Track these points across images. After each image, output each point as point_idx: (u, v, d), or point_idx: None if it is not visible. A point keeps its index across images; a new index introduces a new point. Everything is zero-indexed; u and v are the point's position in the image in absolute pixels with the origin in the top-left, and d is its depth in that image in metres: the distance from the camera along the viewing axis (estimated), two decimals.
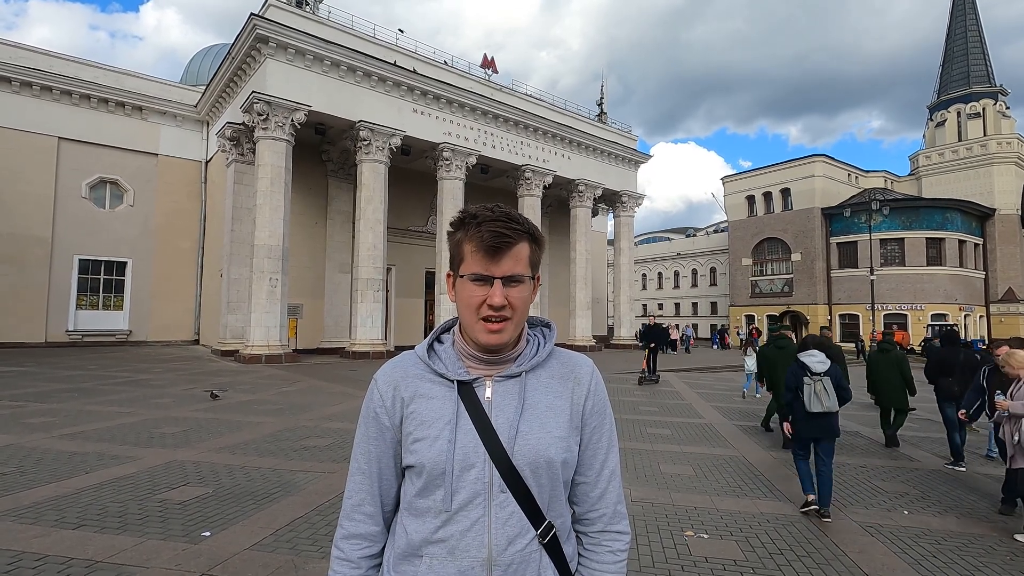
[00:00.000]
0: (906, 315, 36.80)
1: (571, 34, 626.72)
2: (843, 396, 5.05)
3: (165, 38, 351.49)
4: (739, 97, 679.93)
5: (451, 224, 1.13)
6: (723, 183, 48.42)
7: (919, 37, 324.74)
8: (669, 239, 65.61)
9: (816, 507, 4.89)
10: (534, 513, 1.08)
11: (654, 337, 16.04)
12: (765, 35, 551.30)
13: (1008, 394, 4.81)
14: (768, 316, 42.97)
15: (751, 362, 12.93)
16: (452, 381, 1.12)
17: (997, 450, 6.99)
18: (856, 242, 38.48)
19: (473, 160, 24.26)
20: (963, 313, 37.25)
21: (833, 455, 5.10)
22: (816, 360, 5.12)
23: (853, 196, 41.99)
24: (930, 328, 34.59)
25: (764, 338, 31.73)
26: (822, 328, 19.40)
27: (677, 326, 34.14)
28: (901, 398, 7.98)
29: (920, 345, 31.31)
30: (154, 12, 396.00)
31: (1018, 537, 4.57)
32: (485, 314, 1.07)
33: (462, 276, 1.09)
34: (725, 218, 49.96)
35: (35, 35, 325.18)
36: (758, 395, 13.00)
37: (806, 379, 5.06)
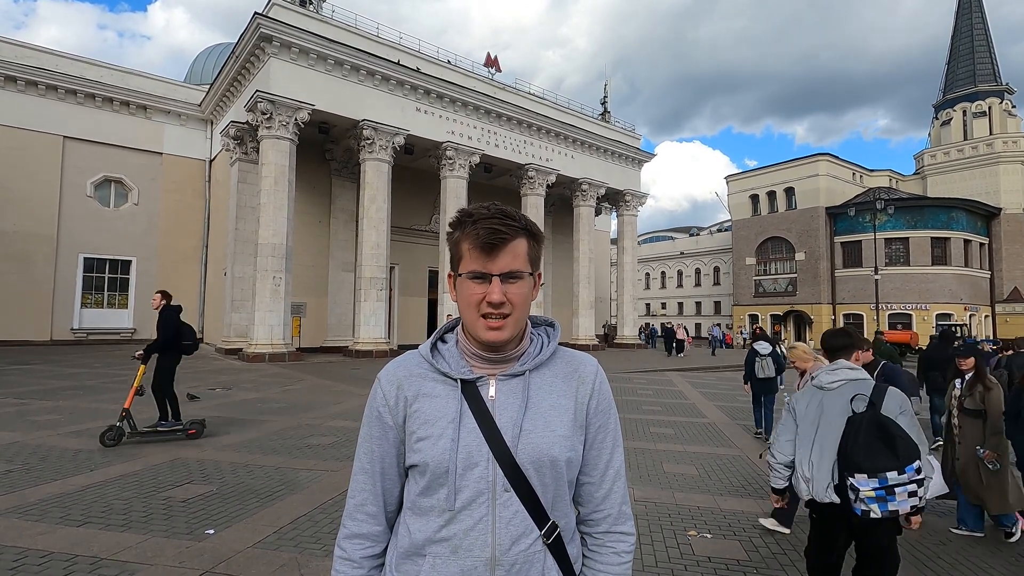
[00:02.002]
0: (911, 315, 36.64)
1: (578, 33, 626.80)
2: (779, 368, 8.52)
3: (173, 38, 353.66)
4: (745, 96, 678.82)
5: (449, 224, 1.14)
6: (727, 182, 48.30)
7: (927, 35, 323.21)
8: (672, 238, 65.46)
9: (761, 435, 7.86)
10: (538, 513, 1.07)
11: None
12: (772, 33, 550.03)
13: (798, 388, 4.82)
14: (772, 315, 42.86)
15: None
16: (455, 380, 1.11)
17: None
18: (860, 241, 38.32)
19: (476, 159, 24.26)
20: (968, 313, 37.06)
21: (774, 403, 8.44)
22: (762, 346, 8.58)
23: (858, 195, 41.82)
24: (938, 327, 34.42)
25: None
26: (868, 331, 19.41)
27: (682, 326, 33.79)
28: None
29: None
30: (162, 12, 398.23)
31: (763, 521, 4.62)
32: (485, 311, 1.07)
33: (461, 275, 1.09)
34: (729, 217, 49.83)
35: (44, 35, 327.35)
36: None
37: (757, 359, 8.53)
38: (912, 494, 2.42)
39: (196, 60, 32.02)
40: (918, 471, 2.42)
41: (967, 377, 4.86)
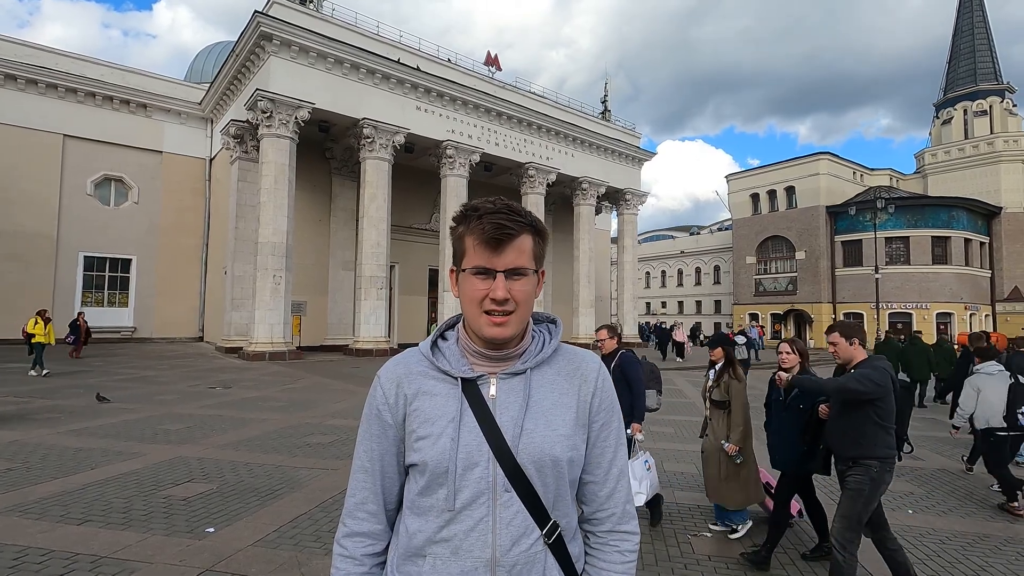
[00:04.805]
0: (911, 314, 36.60)
1: (581, 33, 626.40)
2: (752, 351, 17.30)
3: (178, 36, 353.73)
4: (748, 95, 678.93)
5: (453, 219, 1.11)
6: (727, 181, 48.20)
7: (930, 35, 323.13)
8: (673, 237, 65.35)
9: None
10: (539, 513, 1.06)
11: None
12: (774, 33, 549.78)
13: None
14: (772, 314, 42.84)
15: None
16: (456, 378, 1.10)
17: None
18: (861, 240, 38.24)
19: (476, 158, 24.24)
20: (968, 312, 37.03)
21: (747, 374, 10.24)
22: (739, 338, 17.58)
23: (858, 194, 41.75)
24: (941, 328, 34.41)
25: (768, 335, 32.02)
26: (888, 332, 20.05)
27: (681, 325, 33.50)
28: None
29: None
30: (167, 11, 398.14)
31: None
32: (488, 307, 1.05)
33: (464, 270, 1.08)
34: (729, 216, 49.77)
35: (49, 34, 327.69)
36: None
37: (737, 347, 12.97)
38: None
39: (196, 58, 31.97)
40: None
41: (717, 368, 4.75)
